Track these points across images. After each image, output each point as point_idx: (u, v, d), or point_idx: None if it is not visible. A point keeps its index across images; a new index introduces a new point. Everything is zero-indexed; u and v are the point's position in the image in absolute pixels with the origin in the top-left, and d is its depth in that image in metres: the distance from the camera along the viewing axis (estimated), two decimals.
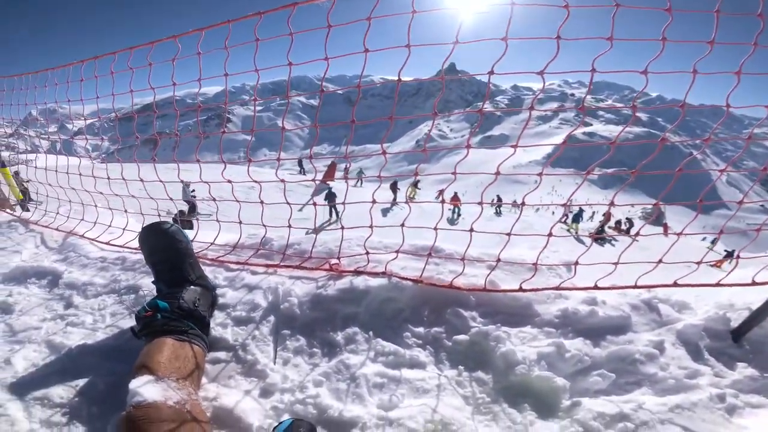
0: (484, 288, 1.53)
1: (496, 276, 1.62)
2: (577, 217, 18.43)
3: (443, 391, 1.24)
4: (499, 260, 1.63)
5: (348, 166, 19.16)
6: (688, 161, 1.29)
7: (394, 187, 18.26)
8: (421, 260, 1.72)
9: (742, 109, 1.31)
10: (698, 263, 1.40)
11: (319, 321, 1.48)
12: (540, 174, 1.31)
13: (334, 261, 1.72)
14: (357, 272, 1.64)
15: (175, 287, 1.34)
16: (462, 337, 1.39)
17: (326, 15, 1.18)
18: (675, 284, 1.52)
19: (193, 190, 10.57)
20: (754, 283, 1.46)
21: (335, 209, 13.43)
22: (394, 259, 1.70)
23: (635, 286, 1.56)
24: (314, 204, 1.92)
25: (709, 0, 1.23)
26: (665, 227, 21.09)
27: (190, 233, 1.60)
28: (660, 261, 1.44)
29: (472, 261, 1.70)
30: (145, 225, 1.48)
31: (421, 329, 1.44)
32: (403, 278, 1.58)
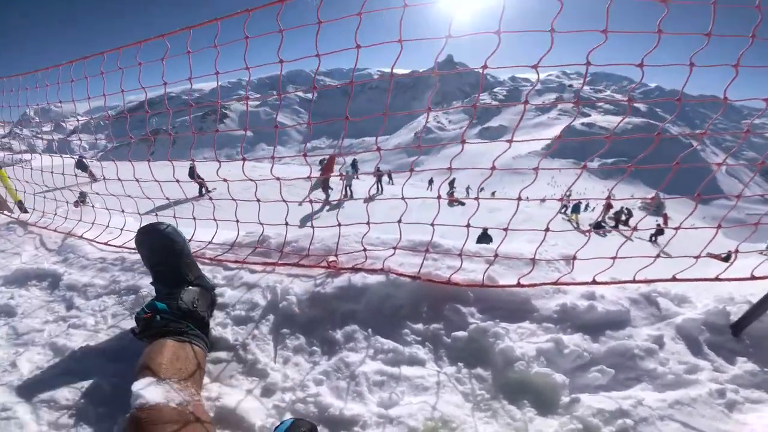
0: (482, 284, 1.53)
1: (495, 271, 1.62)
2: (577, 207, 18.54)
3: (443, 388, 1.24)
4: (496, 255, 1.62)
5: (344, 161, 18.99)
6: (687, 154, 1.29)
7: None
8: (419, 256, 1.72)
9: (741, 100, 1.30)
10: (696, 257, 1.40)
11: (318, 319, 1.48)
12: (536, 169, 1.30)
13: (331, 258, 1.72)
14: (355, 269, 1.64)
15: (174, 288, 1.34)
16: (461, 333, 1.39)
17: (316, 11, 1.17)
18: (674, 279, 1.51)
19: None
20: (753, 278, 1.44)
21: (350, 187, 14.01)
22: (392, 255, 1.70)
23: (634, 281, 1.56)
24: (310, 201, 1.91)
25: None
26: (665, 217, 21.12)
27: (187, 232, 1.59)
28: (658, 255, 1.44)
29: (470, 256, 1.70)
30: (141, 227, 1.47)
31: (419, 326, 1.44)
32: (401, 275, 1.58)
